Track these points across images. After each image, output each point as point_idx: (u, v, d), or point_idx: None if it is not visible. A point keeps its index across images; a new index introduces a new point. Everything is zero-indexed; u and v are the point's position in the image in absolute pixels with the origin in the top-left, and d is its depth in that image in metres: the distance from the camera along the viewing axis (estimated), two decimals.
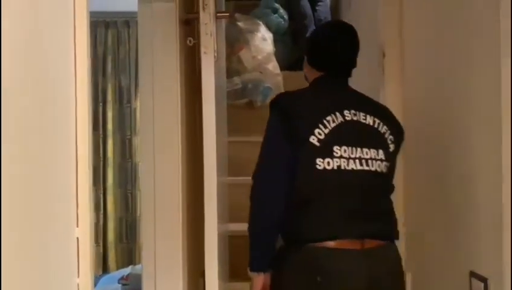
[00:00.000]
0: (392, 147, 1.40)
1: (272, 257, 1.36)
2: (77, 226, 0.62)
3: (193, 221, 1.58)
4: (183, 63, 1.43)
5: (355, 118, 1.36)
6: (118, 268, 3.65)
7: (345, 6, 1.64)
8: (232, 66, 2.71)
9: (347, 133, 1.34)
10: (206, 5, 1.24)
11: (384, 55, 2.06)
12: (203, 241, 1.32)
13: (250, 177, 2.43)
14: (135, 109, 3.69)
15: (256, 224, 1.35)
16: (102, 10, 3.59)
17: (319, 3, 3.09)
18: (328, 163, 1.30)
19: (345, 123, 1.34)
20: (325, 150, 1.30)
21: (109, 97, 3.84)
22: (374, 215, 1.35)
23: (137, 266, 2.79)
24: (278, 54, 2.85)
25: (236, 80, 2.67)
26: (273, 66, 2.75)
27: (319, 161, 1.30)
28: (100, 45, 3.87)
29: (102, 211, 3.80)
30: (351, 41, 1.46)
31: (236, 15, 2.79)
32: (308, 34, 1.54)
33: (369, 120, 1.38)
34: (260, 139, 2.62)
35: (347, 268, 1.27)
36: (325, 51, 1.46)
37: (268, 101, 2.78)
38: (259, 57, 2.69)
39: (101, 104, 3.84)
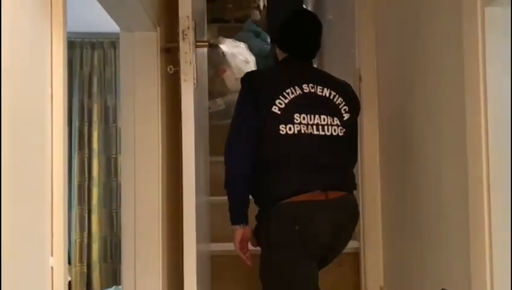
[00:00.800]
0: (346, 116, 1.59)
1: (246, 211, 1.56)
2: (52, 256, 0.62)
3: (174, 240, 1.61)
4: (164, 89, 1.49)
5: (312, 90, 1.56)
6: (102, 288, 3.63)
7: (324, 31, 1.78)
8: (215, 87, 2.78)
9: (305, 103, 1.53)
10: (185, 35, 1.31)
11: (360, 79, 2.15)
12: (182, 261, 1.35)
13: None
14: (120, 129, 3.71)
15: (230, 182, 1.54)
16: (88, 31, 3.65)
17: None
18: (290, 128, 1.49)
19: (303, 95, 1.54)
20: (286, 117, 1.49)
21: (95, 117, 3.86)
22: (332, 170, 1.54)
23: (121, 286, 2.79)
24: None
25: (220, 101, 2.73)
26: None
27: (281, 126, 1.49)
28: (86, 66, 3.90)
29: (86, 231, 3.78)
30: (312, 27, 1.69)
31: (220, 38, 2.88)
32: None
33: (326, 92, 1.58)
34: None
35: (316, 215, 1.48)
36: (289, 35, 1.68)
37: None
38: None
39: (86, 124, 3.85)
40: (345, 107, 1.59)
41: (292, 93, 1.53)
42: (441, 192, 1.42)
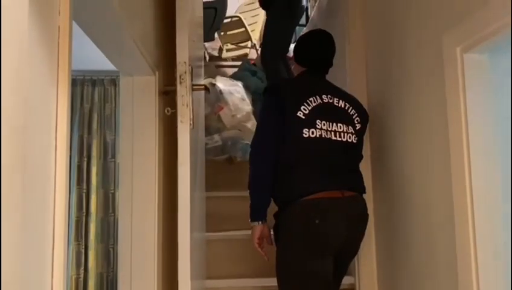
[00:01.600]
0: (358, 126, 1.77)
1: (266, 210, 1.67)
2: None
3: (170, 276, 1.63)
4: (162, 129, 1.55)
5: (330, 101, 1.73)
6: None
7: None
8: (212, 124, 2.84)
9: (325, 111, 1.69)
10: (182, 79, 1.38)
11: None
12: None
13: (229, 233, 2.50)
14: (119, 164, 3.74)
15: (254, 181, 1.66)
16: (90, 69, 3.75)
17: (293, 66, 3.30)
18: (312, 132, 1.64)
19: (323, 104, 1.71)
20: (310, 122, 1.64)
21: (94, 152, 3.90)
22: (347, 173, 1.70)
23: None
24: (257, 112, 3.00)
25: (217, 137, 2.79)
26: (251, 124, 2.88)
27: (305, 130, 1.63)
28: (87, 102, 3.98)
29: (83, 267, 3.75)
30: (328, 46, 1.88)
31: (217, 77, 2.97)
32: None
33: (341, 103, 1.76)
34: (239, 194, 2.70)
35: (334, 210, 1.60)
36: (307, 52, 1.88)
37: (247, 157, 2.91)
38: (239, 116, 2.83)
39: (85, 159, 3.89)
40: (357, 118, 1.77)
41: (314, 101, 1.69)
42: (431, 231, 1.46)
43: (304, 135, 1.63)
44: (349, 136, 1.71)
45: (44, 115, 0.67)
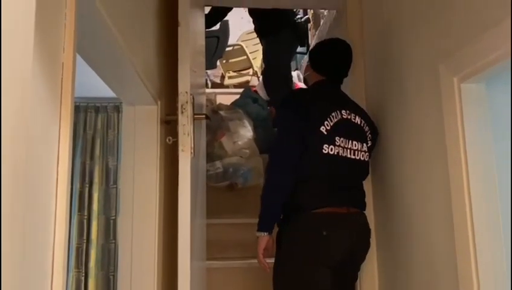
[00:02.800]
0: (370, 142, 1.81)
1: (275, 221, 1.67)
2: None
3: None
4: (163, 157, 1.56)
5: (349, 117, 1.75)
6: None
7: None
8: (214, 151, 2.85)
9: (344, 128, 1.71)
10: (184, 109, 1.40)
11: None
12: None
13: (230, 262, 2.47)
14: (120, 190, 3.73)
15: (270, 191, 1.65)
16: (93, 96, 3.79)
17: (307, 73, 3.36)
18: (331, 149, 1.67)
19: (343, 120, 1.72)
20: (330, 138, 1.67)
21: (96, 178, 3.89)
22: (355, 191, 1.76)
23: None
24: (258, 138, 3.02)
25: (218, 164, 2.79)
26: (252, 151, 2.89)
27: (325, 146, 1.66)
28: (90, 129, 4.00)
29: None
30: (347, 55, 1.88)
31: (219, 104, 3.00)
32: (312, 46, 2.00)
33: (358, 120, 1.78)
34: (240, 221, 2.68)
35: (342, 225, 1.65)
36: (328, 60, 1.87)
37: (248, 184, 2.91)
38: (240, 143, 2.85)
39: (87, 185, 3.88)
40: (370, 134, 1.82)
41: (335, 117, 1.71)
42: (432, 251, 1.44)
43: (324, 151, 1.65)
44: (362, 155, 1.76)
45: (46, 152, 0.68)
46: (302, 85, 3.63)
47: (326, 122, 1.67)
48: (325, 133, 1.66)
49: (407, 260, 1.69)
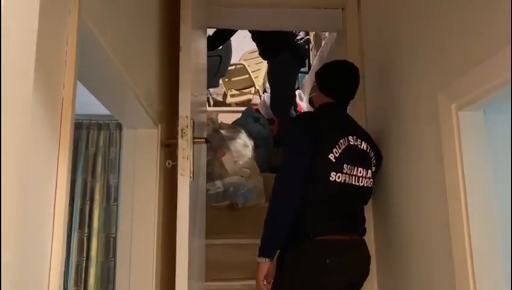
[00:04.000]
0: (374, 168, 1.80)
1: (278, 248, 1.64)
2: None
3: None
4: (163, 180, 1.56)
5: (355, 143, 1.73)
6: None
7: None
8: (214, 170, 2.86)
9: (351, 155, 1.69)
10: (184, 133, 1.40)
11: None
12: None
13: (230, 283, 2.44)
14: (120, 211, 3.72)
15: (274, 217, 1.61)
16: (96, 113, 3.81)
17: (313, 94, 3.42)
18: (338, 177, 1.65)
19: (349, 147, 1.70)
20: (338, 166, 1.65)
21: (97, 196, 3.88)
22: (357, 218, 1.75)
23: None
24: (259, 157, 3.03)
25: (218, 183, 2.79)
26: (253, 170, 2.90)
27: (332, 173, 1.64)
28: (92, 146, 4.00)
29: None
30: (356, 78, 1.87)
31: (220, 123, 3.01)
32: (320, 68, 1.97)
33: (364, 146, 1.76)
34: (240, 241, 2.66)
35: (344, 253, 1.64)
36: (336, 82, 1.85)
37: (249, 203, 2.90)
38: (241, 162, 2.85)
39: (88, 202, 3.88)
40: (374, 160, 1.80)
41: (343, 144, 1.69)
42: (431, 279, 1.43)
43: (331, 179, 1.64)
44: (367, 181, 1.75)
45: (45, 171, 0.68)
46: (303, 104, 3.65)
47: (335, 149, 1.66)
48: (334, 160, 1.65)
49: (407, 286, 1.67)
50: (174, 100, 1.50)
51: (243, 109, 3.60)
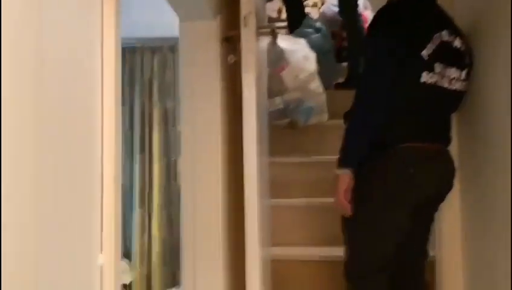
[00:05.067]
0: (467, 69, 1.56)
1: (361, 157, 1.47)
2: (101, 252, 0.56)
3: (235, 243, 1.52)
4: (225, 82, 1.41)
5: (449, 39, 1.51)
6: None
7: None
8: (273, 86, 2.68)
9: (444, 53, 1.48)
10: (247, 20, 1.22)
11: None
12: (244, 265, 1.26)
13: (291, 199, 2.38)
14: (179, 132, 3.72)
15: (357, 123, 1.47)
16: (148, 36, 3.71)
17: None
18: (430, 77, 1.46)
19: (443, 44, 1.49)
20: (430, 65, 1.45)
21: (155, 121, 3.93)
22: (445, 125, 1.59)
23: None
24: (321, 73, 2.80)
25: (278, 100, 2.63)
26: (315, 85, 2.69)
27: (424, 74, 1.44)
28: (147, 71, 3.99)
29: (147, 233, 3.84)
30: None
31: (279, 35, 2.78)
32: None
33: (457, 43, 1.53)
34: (301, 160, 2.56)
35: (430, 162, 1.49)
36: None
37: (310, 121, 2.74)
38: (302, 77, 2.64)
39: (147, 127, 3.94)
40: (468, 60, 1.57)
41: (437, 39, 1.48)
42: None
43: (422, 80, 1.45)
44: (460, 84, 1.54)
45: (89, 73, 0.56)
46: (367, 13, 3.31)
47: (429, 44, 1.45)
48: (426, 58, 1.45)
49: (493, 202, 1.47)
50: None
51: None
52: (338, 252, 1.66)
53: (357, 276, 1.53)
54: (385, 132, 1.47)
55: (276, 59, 2.65)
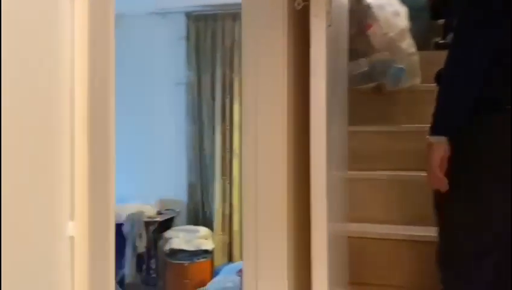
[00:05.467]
0: None
1: (462, 118, 1.20)
2: (72, 220, 0.43)
3: (301, 214, 1.37)
4: (292, 33, 1.23)
5: None
6: (241, 258, 3.68)
7: None
8: (358, 47, 2.41)
9: None
10: None
11: None
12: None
13: (376, 171, 2.16)
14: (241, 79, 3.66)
15: (454, 79, 1.20)
16: (229, 2, 3.61)
17: None
18: None
19: None
20: None
21: (235, 90, 3.89)
22: None
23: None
24: (414, 31, 2.47)
25: (363, 62, 2.36)
26: (407, 44, 2.36)
27: None
28: (228, 38, 3.93)
29: (228, 202, 3.89)
30: None
31: None
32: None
33: None
34: (389, 129, 2.32)
35: None
36: None
37: (400, 85, 2.44)
38: (391, 34, 2.33)
39: (228, 96, 3.93)
40: None
41: None
42: None
43: None
44: None
45: None
46: None
47: None
48: None
49: None
50: None
51: None
52: (421, 231, 1.51)
53: (457, 262, 1.25)
54: (489, 90, 1.19)
55: (362, 16, 2.37)
